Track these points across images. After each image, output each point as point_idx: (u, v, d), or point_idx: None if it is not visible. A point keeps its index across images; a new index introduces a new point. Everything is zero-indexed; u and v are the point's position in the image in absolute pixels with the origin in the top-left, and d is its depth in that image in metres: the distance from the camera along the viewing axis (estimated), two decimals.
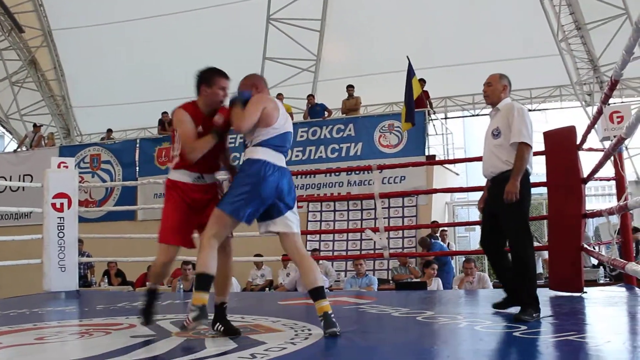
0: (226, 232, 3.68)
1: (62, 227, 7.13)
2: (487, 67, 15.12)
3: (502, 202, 4.04)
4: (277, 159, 3.67)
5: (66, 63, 18.96)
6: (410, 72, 10.91)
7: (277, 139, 3.68)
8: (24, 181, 14.41)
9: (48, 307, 6.21)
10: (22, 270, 8.37)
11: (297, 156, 12.71)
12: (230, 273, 3.89)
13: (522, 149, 4.05)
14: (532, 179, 4.27)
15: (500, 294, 4.58)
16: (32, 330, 4.44)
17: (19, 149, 16.68)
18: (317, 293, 3.63)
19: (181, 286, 7.99)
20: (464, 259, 12.37)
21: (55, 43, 18.66)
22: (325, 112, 13.34)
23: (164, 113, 14.30)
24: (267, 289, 10.34)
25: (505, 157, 4.14)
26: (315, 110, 13.44)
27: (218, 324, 3.76)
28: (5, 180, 15.02)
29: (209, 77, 3.81)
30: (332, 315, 3.58)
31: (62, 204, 7.17)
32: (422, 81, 12.76)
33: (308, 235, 11.55)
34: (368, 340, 3.64)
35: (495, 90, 4.32)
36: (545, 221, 11.88)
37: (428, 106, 12.70)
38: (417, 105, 11.12)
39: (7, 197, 14.82)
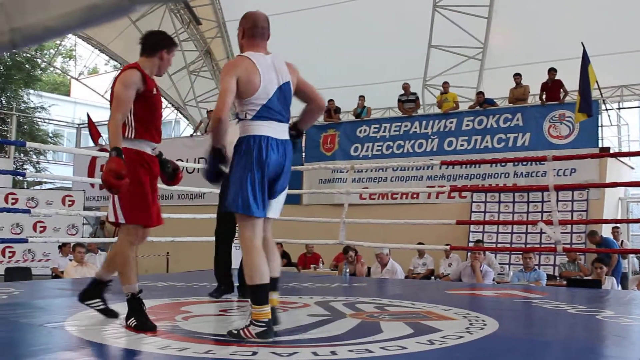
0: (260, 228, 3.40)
1: None
2: None
3: None
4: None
5: (238, 53, 19.85)
6: (585, 59, 10.33)
7: (264, 110, 3.35)
8: (199, 164, 15.32)
9: None
10: (195, 246, 8.97)
11: (462, 145, 12.50)
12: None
13: None
14: None
15: None
16: (215, 302, 4.79)
17: (194, 134, 17.70)
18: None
19: (347, 270, 8.25)
20: (636, 258, 11.68)
21: (229, 34, 19.61)
22: None
23: (330, 101, 14.62)
24: (431, 277, 10.35)
25: None
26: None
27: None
28: (182, 162, 16.02)
29: (170, 44, 3.62)
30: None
31: None
32: (553, 70, 12.13)
33: (471, 226, 11.38)
34: (546, 335, 3.56)
35: None
36: None
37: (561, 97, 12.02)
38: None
39: (183, 178, 15.76)
